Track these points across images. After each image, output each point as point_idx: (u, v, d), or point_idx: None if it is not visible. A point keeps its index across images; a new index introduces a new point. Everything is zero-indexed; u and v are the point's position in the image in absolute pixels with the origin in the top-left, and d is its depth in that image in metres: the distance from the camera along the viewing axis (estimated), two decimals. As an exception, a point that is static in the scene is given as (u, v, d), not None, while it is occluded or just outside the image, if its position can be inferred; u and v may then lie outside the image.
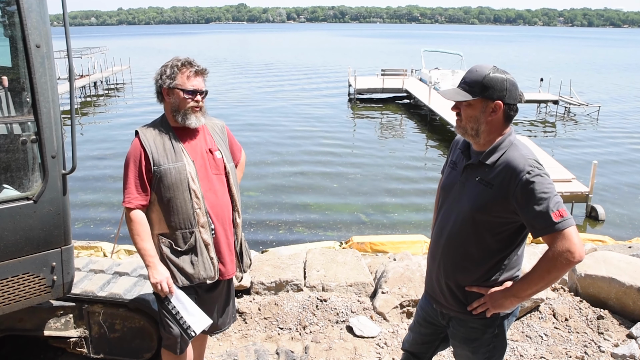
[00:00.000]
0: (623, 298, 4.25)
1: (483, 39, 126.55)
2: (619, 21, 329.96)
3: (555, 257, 1.95)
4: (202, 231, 2.64)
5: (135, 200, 2.58)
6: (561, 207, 1.96)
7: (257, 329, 4.13)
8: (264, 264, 4.87)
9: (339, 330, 4.08)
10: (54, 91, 2.51)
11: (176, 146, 2.62)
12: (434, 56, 34.12)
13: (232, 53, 65.86)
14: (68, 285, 2.81)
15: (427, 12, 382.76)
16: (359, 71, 29.25)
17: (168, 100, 2.64)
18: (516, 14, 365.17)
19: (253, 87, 31.64)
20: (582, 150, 16.58)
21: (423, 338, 2.58)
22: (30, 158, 2.57)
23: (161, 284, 2.56)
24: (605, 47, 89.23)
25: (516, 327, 4.18)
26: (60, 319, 3.28)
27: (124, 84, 32.58)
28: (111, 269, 3.63)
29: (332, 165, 14.38)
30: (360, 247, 6.52)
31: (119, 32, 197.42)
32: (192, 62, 2.64)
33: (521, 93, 2.12)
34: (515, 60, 53.44)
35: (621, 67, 48.30)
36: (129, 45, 79.80)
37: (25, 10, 2.33)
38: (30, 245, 2.54)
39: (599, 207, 10.58)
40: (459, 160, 2.28)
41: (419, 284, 4.41)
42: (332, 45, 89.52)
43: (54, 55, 2.54)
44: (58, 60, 21.50)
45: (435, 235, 2.34)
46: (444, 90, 2.19)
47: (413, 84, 26.68)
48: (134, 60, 41.04)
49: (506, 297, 2.11)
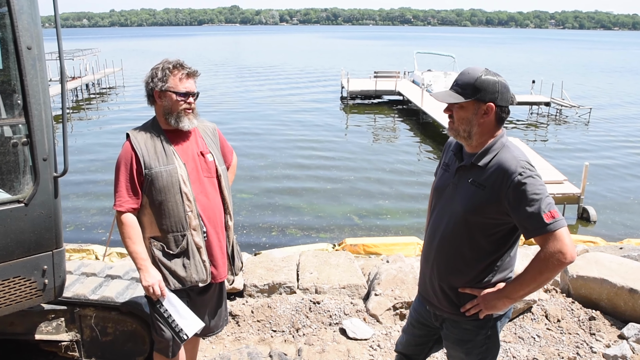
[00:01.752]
0: (614, 299, 4.28)
1: (475, 41, 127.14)
2: (609, 24, 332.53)
3: (547, 258, 1.96)
4: (194, 234, 2.63)
5: (126, 204, 2.57)
6: (553, 208, 1.97)
7: (250, 332, 4.12)
8: (257, 266, 4.86)
9: (332, 332, 4.08)
10: (46, 93, 2.49)
11: (167, 149, 2.62)
12: (427, 58, 34.29)
13: (225, 55, 65.78)
14: (59, 288, 2.78)
15: (420, 14, 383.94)
16: (352, 73, 29.31)
17: (160, 103, 2.63)
18: (508, 16, 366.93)
19: (246, 89, 31.60)
20: (573, 151, 16.68)
21: (416, 340, 2.58)
22: (21, 161, 2.55)
23: (153, 287, 2.55)
24: (596, 50, 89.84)
25: (509, 328, 4.19)
26: (51, 323, 3.25)
27: (116, 86, 32.45)
28: (103, 272, 3.61)
29: (324, 167, 14.38)
30: (353, 249, 6.52)
31: (111, 34, 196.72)
32: (183, 64, 2.64)
33: (513, 95, 2.13)
34: (507, 62, 53.70)
35: (612, 69, 48.65)
36: (121, 47, 79.51)
37: (16, 12, 2.31)
38: (21, 249, 2.52)
39: (590, 209, 10.64)
40: (451, 162, 2.29)
41: (412, 285, 4.41)
42: (325, 47, 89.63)
43: (45, 57, 2.52)
44: (50, 62, 21.38)
45: (428, 237, 2.35)
46: (436, 93, 2.20)
47: (406, 86, 26.75)
48: (126, 63, 40.92)
49: (499, 298, 2.12)
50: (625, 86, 34.80)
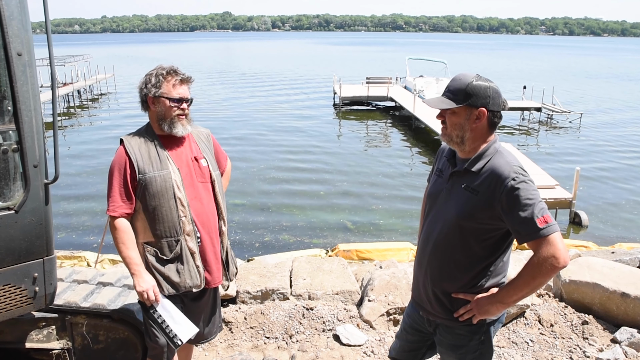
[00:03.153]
0: (607, 303, 4.30)
1: (467, 47, 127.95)
2: (599, 30, 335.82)
3: (540, 263, 1.96)
4: (188, 239, 2.62)
5: (119, 209, 2.56)
6: (546, 213, 1.98)
7: (243, 339, 4.10)
8: (250, 272, 4.84)
9: (326, 338, 4.06)
10: (36, 100, 2.47)
11: (161, 154, 2.61)
12: (419, 64, 34.40)
13: (218, 61, 65.76)
14: (50, 296, 2.76)
15: (412, 20, 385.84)
16: (344, 79, 29.38)
17: (154, 108, 2.63)
18: (499, 22, 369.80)
19: (238, 95, 31.61)
20: (565, 156, 16.80)
21: (410, 345, 2.57)
22: (11, 167, 2.53)
23: (147, 292, 2.54)
24: (585, 56, 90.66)
25: (502, 333, 4.20)
26: (42, 331, 3.22)
27: (108, 92, 32.35)
28: (95, 279, 3.58)
29: (317, 172, 14.39)
30: (346, 254, 6.52)
31: (103, 40, 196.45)
32: (177, 70, 2.64)
33: (504, 100, 2.14)
34: (498, 68, 54.07)
35: (602, 75, 49.09)
36: (113, 53, 79.30)
37: (6, 18, 2.30)
38: (12, 256, 2.50)
39: (582, 213, 10.70)
40: (445, 168, 2.29)
41: (405, 291, 4.41)
42: (317, 53, 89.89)
43: (36, 63, 2.51)
44: (40, 68, 21.32)
45: (421, 242, 2.35)
46: (428, 99, 2.21)
47: (398, 91, 26.86)
48: (118, 68, 40.78)
49: (492, 303, 2.12)
50: (616, 92, 35.13)
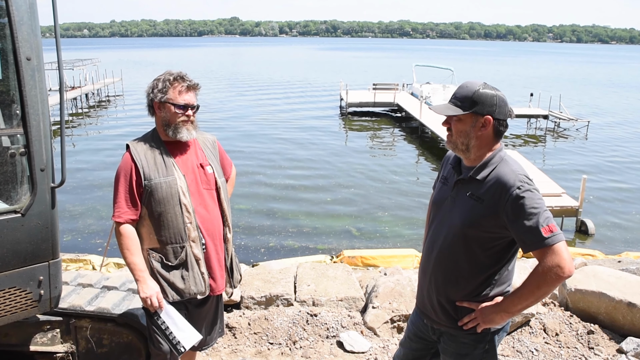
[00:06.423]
0: (613, 313, 4.26)
1: (474, 54, 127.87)
2: (607, 37, 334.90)
3: (545, 272, 1.95)
4: (193, 246, 2.63)
5: (125, 215, 2.57)
6: (551, 222, 1.97)
7: (247, 344, 4.10)
8: (254, 278, 4.84)
9: (330, 345, 4.05)
10: (44, 104, 2.49)
11: (167, 160, 2.62)
12: (425, 71, 34.35)
13: (225, 67, 66.02)
14: (55, 299, 2.77)
15: (419, 27, 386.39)
16: (351, 85, 29.39)
17: (159, 114, 2.64)
18: (506, 29, 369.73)
19: (245, 99, 31.69)
20: (571, 164, 16.71)
21: (414, 353, 2.56)
22: (19, 171, 2.55)
23: (151, 298, 2.54)
24: (593, 63, 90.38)
25: (507, 342, 4.17)
26: (46, 334, 3.23)
27: (116, 96, 32.54)
28: (99, 283, 3.59)
29: (323, 178, 14.38)
30: (351, 261, 6.50)
31: (112, 44, 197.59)
32: (184, 76, 2.65)
33: (511, 109, 2.14)
34: (505, 75, 53.96)
35: (610, 83, 48.89)
36: (121, 58, 79.76)
37: (16, 23, 2.32)
38: (18, 259, 2.51)
39: (588, 222, 10.64)
40: (450, 176, 2.29)
41: (409, 298, 4.40)
42: (324, 59, 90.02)
43: (44, 67, 2.53)
44: (49, 71, 21.47)
45: (426, 250, 2.35)
46: (435, 106, 2.21)
47: (404, 98, 26.82)
48: (126, 73, 41.04)
49: (497, 312, 2.11)
50: (623, 100, 34.95)
